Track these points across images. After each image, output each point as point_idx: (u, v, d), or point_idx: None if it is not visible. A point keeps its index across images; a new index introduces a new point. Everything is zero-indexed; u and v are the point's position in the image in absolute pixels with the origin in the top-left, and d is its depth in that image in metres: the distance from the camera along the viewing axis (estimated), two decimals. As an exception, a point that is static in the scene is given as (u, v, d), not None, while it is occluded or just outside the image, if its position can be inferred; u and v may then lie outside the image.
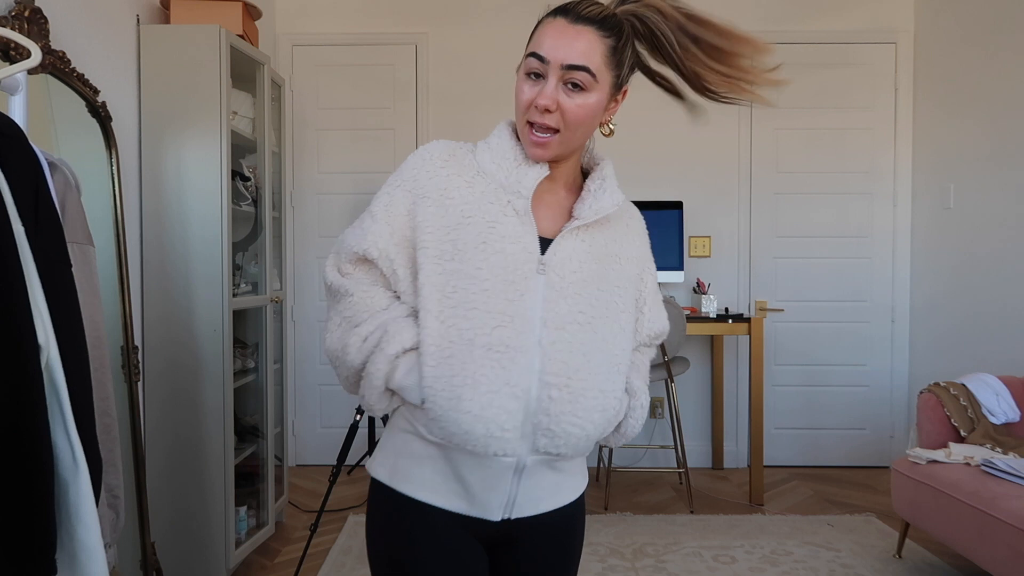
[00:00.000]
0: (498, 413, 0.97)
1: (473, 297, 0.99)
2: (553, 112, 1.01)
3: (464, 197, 1.04)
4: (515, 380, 0.98)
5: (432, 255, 1.02)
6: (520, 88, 1.04)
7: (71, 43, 2.07)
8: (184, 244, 2.50)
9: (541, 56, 1.01)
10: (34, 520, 1.05)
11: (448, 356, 0.98)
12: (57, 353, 1.11)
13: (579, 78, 1.00)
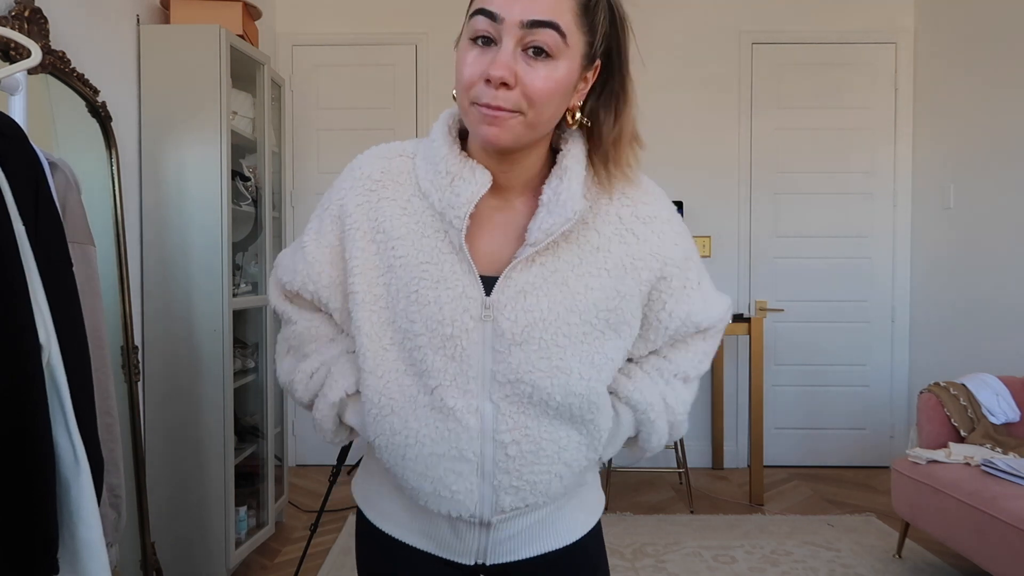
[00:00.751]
0: (446, 474, 0.85)
1: (410, 354, 0.85)
2: (512, 88, 0.76)
3: (397, 230, 0.85)
4: (463, 444, 0.84)
5: (362, 301, 0.85)
6: (462, 60, 0.79)
7: (71, 43, 2.07)
8: (184, 244, 2.50)
9: (492, 13, 0.76)
10: (36, 519, 1.06)
11: (388, 413, 0.86)
12: (58, 352, 1.11)
13: (545, 39, 0.76)
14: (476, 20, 0.77)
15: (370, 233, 0.86)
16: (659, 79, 4.14)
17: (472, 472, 0.85)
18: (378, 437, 0.87)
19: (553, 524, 0.94)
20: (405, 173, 0.87)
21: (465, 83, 0.78)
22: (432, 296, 0.83)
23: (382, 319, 0.85)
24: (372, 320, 0.86)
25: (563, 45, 0.77)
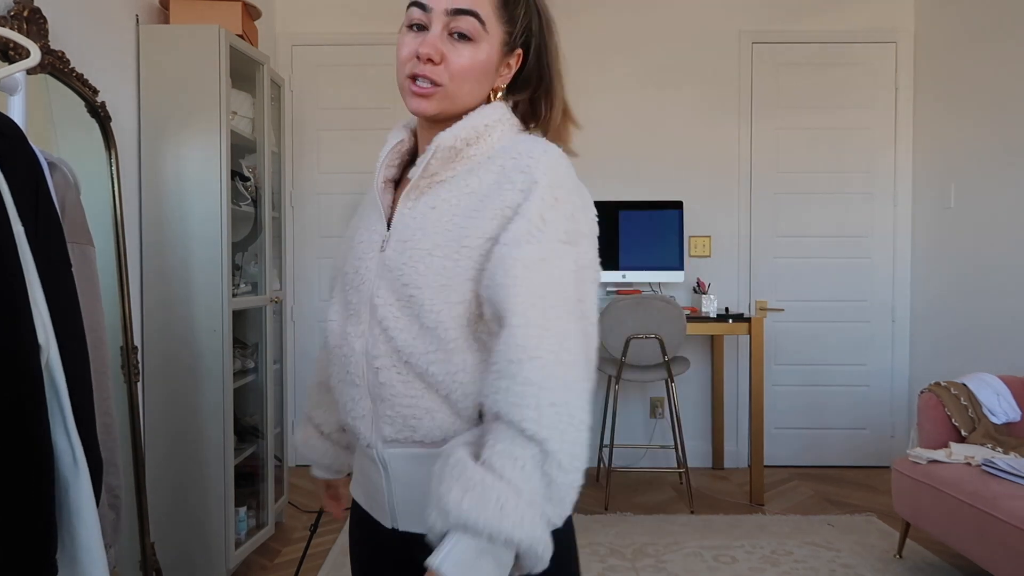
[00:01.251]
0: (348, 401, 0.94)
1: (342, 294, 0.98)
2: (438, 64, 0.90)
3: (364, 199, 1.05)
4: (352, 368, 0.92)
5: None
6: (400, 43, 0.93)
7: (70, 43, 2.07)
8: (184, 244, 2.50)
9: (422, 4, 0.91)
10: (35, 520, 1.05)
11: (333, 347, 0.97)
12: (57, 353, 1.11)
13: (466, 26, 0.90)
14: (411, 11, 0.92)
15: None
16: (659, 79, 4.14)
17: (364, 396, 0.92)
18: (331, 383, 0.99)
19: None
20: None
21: (402, 60, 0.93)
22: (357, 240, 0.97)
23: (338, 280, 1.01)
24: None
25: (482, 31, 0.92)
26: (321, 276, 4.18)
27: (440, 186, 0.93)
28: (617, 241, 3.87)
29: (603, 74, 4.11)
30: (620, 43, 4.13)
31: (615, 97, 4.12)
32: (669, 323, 3.36)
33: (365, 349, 0.91)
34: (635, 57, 4.13)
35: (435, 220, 0.90)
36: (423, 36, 0.91)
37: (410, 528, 0.92)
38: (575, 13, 4.11)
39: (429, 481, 0.80)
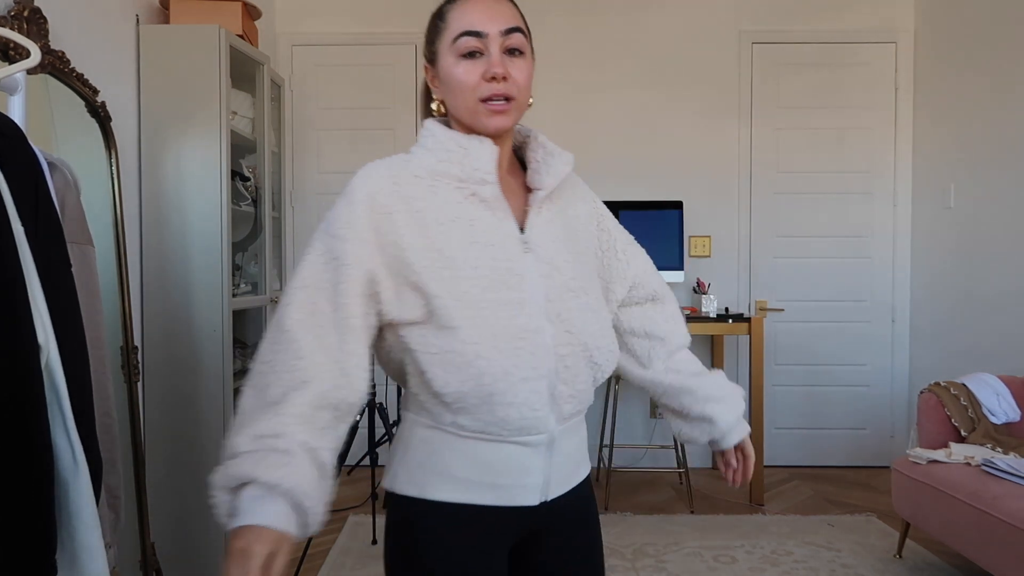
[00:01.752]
0: (528, 396, 0.96)
1: (479, 297, 0.95)
2: (507, 80, 0.99)
3: (433, 203, 0.99)
4: (539, 363, 0.96)
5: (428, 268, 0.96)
6: (456, 72, 1.00)
7: (70, 43, 2.07)
8: (184, 244, 2.50)
9: (477, 32, 0.99)
10: (34, 520, 1.05)
11: (474, 358, 0.93)
12: (57, 353, 1.11)
13: (517, 41, 1.01)
14: (464, 40, 0.99)
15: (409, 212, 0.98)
16: (659, 79, 4.14)
17: (544, 388, 0.98)
18: (463, 384, 0.94)
19: (580, 454, 1.10)
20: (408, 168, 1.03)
21: (470, 86, 0.99)
22: (486, 240, 0.99)
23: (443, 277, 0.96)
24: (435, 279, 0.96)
25: (527, 43, 1.03)
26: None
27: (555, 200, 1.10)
28: (617, 241, 3.87)
29: (603, 74, 4.11)
30: (620, 43, 4.13)
31: (615, 97, 4.11)
32: None
33: (550, 347, 0.98)
34: (635, 57, 4.13)
35: (568, 227, 1.10)
36: (484, 60, 0.99)
37: (559, 491, 1.05)
38: (575, 13, 4.11)
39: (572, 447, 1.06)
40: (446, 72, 1.01)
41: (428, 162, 1.01)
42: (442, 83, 1.04)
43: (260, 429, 0.91)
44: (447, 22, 1.02)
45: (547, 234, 1.04)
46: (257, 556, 0.81)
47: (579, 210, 1.14)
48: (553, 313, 0.99)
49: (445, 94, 1.04)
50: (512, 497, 1.00)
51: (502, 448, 0.98)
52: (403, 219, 0.97)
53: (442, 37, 1.02)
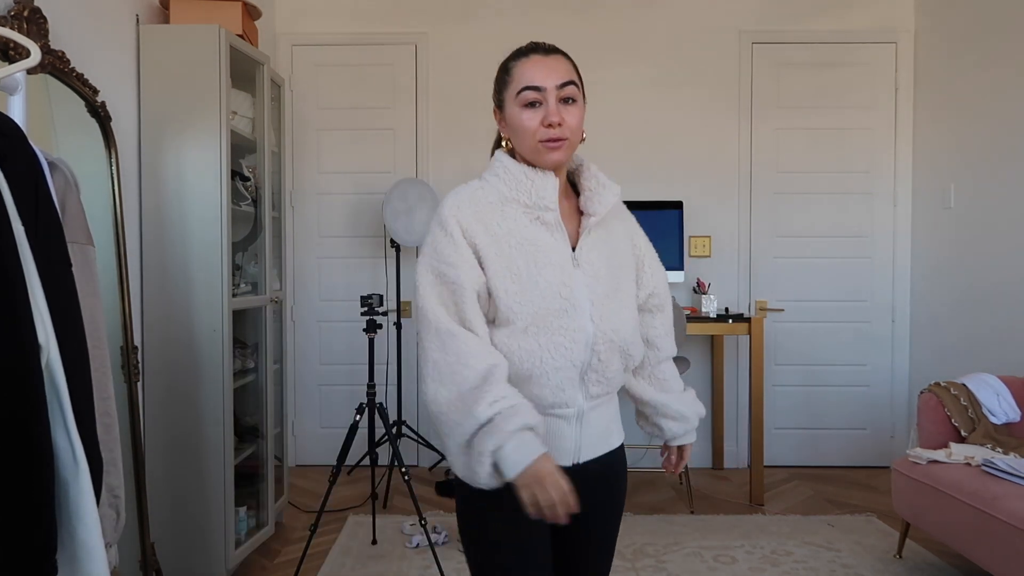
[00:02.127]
0: (563, 380, 1.23)
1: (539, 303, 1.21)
2: (562, 125, 1.22)
3: (505, 226, 1.24)
4: (577, 357, 1.23)
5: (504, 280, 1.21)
6: (521, 119, 1.24)
7: (70, 43, 2.07)
8: (184, 244, 2.50)
9: (537, 86, 1.22)
10: (35, 520, 1.05)
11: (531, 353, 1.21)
12: (57, 353, 1.11)
13: (570, 92, 1.24)
14: (525, 94, 1.23)
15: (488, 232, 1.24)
16: (659, 79, 4.14)
17: (576, 376, 1.25)
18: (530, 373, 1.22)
19: (611, 425, 1.35)
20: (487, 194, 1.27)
21: (531, 131, 1.23)
22: (546, 259, 1.23)
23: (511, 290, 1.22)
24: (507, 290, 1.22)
25: (579, 92, 1.26)
26: (321, 276, 4.18)
27: (603, 225, 1.33)
28: (617, 241, 3.87)
29: (603, 74, 4.11)
30: (620, 43, 4.13)
31: (615, 97, 4.12)
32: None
33: (588, 344, 1.23)
34: (635, 57, 4.13)
35: (612, 245, 1.34)
36: (542, 110, 1.23)
37: (589, 456, 1.30)
38: (576, 13, 4.11)
39: (602, 419, 1.31)
40: (512, 118, 1.26)
41: (500, 189, 1.26)
42: (508, 126, 1.28)
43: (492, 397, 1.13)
44: (512, 76, 1.26)
45: (594, 252, 1.29)
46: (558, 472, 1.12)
47: (620, 230, 1.37)
48: (596, 316, 1.24)
49: (511, 135, 1.28)
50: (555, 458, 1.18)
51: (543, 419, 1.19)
52: (483, 241, 1.22)
53: (508, 89, 1.26)
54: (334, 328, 4.17)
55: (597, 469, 1.31)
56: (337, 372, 4.18)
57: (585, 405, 1.27)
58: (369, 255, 4.17)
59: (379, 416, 2.74)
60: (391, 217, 3.76)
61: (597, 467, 1.31)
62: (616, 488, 1.36)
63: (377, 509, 3.27)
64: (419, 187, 3.87)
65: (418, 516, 2.54)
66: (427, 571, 2.73)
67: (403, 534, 3.10)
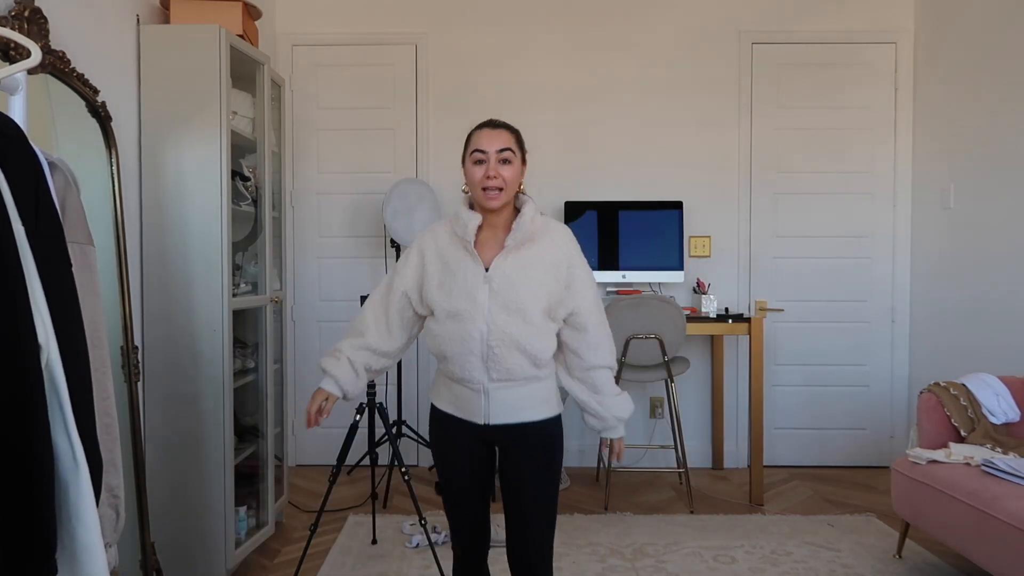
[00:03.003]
0: (466, 362, 1.71)
1: (452, 305, 1.72)
2: (497, 178, 1.70)
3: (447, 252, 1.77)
4: (474, 348, 1.70)
5: (434, 285, 1.75)
6: (473, 171, 1.72)
7: (71, 43, 2.07)
8: (184, 244, 2.50)
9: (483, 149, 1.71)
10: (34, 520, 1.05)
11: (447, 339, 1.73)
12: (57, 353, 1.11)
13: (507, 155, 1.72)
14: (475, 154, 1.72)
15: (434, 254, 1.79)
16: (659, 79, 4.14)
17: (479, 361, 1.71)
18: (438, 353, 1.76)
19: (526, 405, 1.76)
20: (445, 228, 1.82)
21: (477, 181, 1.71)
22: (461, 275, 1.72)
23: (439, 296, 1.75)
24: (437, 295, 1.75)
25: (514, 155, 1.74)
26: (321, 276, 4.18)
27: (520, 249, 1.73)
28: (617, 241, 3.88)
29: (604, 74, 4.11)
30: (620, 43, 4.13)
31: (615, 97, 4.12)
32: (669, 323, 3.36)
33: (483, 338, 1.68)
34: (635, 57, 4.13)
35: (525, 268, 1.72)
36: (486, 166, 1.70)
37: (498, 421, 1.74)
38: (576, 13, 4.11)
39: (510, 398, 1.74)
40: (467, 171, 1.75)
41: (451, 227, 1.78)
42: (466, 177, 1.75)
43: (336, 345, 1.84)
44: (470, 142, 1.75)
45: (503, 272, 1.71)
46: (318, 397, 1.79)
47: (551, 257, 1.75)
48: (491, 322, 1.69)
49: (467, 183, 1.76)
50: (468, 415, 1.76)
51: (460, 387, 1.76)
52: (431, 259, 1.78)
53: (466, 151, 1.75)
54: (334, 328, 4.17)
55: (512, 431, 1.75)
56: (337, 372, 4.17)
57: (489, 385, 1.72)
58: (369, 255, 4.17)
59: (379, 416, 2.74)
60: (391, 217, 3.76)
61: (512, 430, 1.75)
62: (532, 448, 1.77)
63: (377, 509, 3.27)
64: (419, 187, 3.87)
65: (418, 516, 2.54)
66: (427, 571, 2.73)
67: (403, 534, 3.10)
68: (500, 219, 1.76)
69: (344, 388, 1.79)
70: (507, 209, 1.76)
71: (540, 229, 1.75)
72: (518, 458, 1.77)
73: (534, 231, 1.74)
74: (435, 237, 1.80)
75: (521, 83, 4.10)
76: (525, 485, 1.76)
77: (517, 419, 1.74)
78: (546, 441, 1.78)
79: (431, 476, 3.96)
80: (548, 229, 1.78)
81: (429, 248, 1.79)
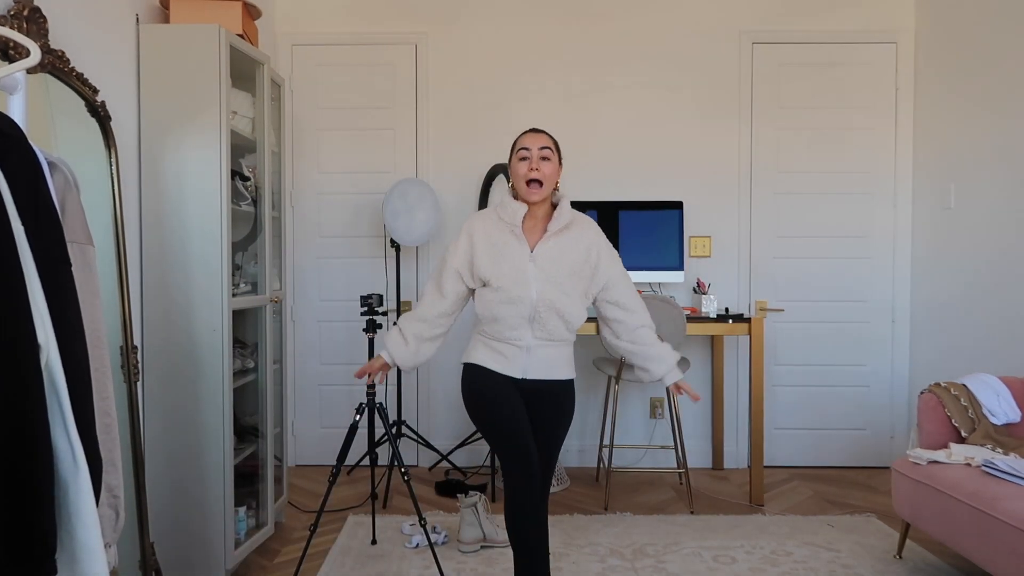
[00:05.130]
0: (516, 323, 2.08)
1: (503, 281, 2.07)
2: (538, 171, 2.07)
3: (494, 235, 2.13)
4: (524, 312, 2.06)
5: (485, 261, 2.10)
6: (518, 167, 2.11)
7: (70, 42, 2.07)
8: (184, 244, 2.50)
9: (527, 147, 2.10)
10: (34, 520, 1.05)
11: (495, 307, 2.08)
12: (57, 353, 1.11)
13: (546, 153, 2.10)
14: (520, 151, 2.11)
15: (483, 237, 2.14)
16: (659, 79, 4.14)
17: (526, 324, 2.08)
18: (498, 316, 2.08)
19: (555, 365, 2.14)
20: (492, 216, 2.18)
21: (521, 174, 2.09)
22: (509, 254, 2.09)
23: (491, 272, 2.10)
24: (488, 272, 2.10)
25: (552, 155, 2.11)
26: (321, 276, 4.18)
27: (559, 236, 2.11)
28: (617, 241, 3.87)
29: (603, 74, 4.11)
30: (620, 43, 4.13)
31: (615, 97, 4.12)
32: (669, 323, 3.36)
33: (532, 304, 2.04)
34: (635, 57, 4.13)
35: (563, 250, 2.10)
36: (529, 162, 2.08)
37: (534, 376, 2.12)
38: (576, 14, 4.11)
39: (546, 356, 2.12)
40: (512, 166, 2.13)
41: (500, 213, 2.14)
42: (511, 171, 2.13)
43: (403, 322, 2.21)
44: (516, 143, 2.13)
45: (547, 254, 2.09)
46: (375, 363, 2.22)
47: (584, 242, 2.13)
48: (539, 291, 2.05)
49: (512, 177, 2.13)
50: (507, 370, 2.12)
51: (505, 345, 2.12)
52: (479, 240, 2.13)
53: (513, 150, 2.13)
54: (334, 328, 4.17)
55: (542, 386, 2.13)
56: (337, 372, 4.18)
57: (532, 342, 2.09)
58: (369, 255, 4.17)
59: (379, 416, 2.74)
60: (391, 217, 3.76)
61: (543, 385, 2.13)
62: (556, 402, 2.16)
63: (377, 509, 3.27)
64: (419, 187, 3.87)
65: (418, 516, 2.53)
66: (427, 571, 2.72)
67: (403, 534, 3.10)
68: (540, 211, 2.14)
69: (392, 353, 2.17)
70: (545, 203, 2.13)
71: (572, 220, 2.14)
72: (545, 407, 2.13)
73: (570, 221, 2.13)
74: (483, 222, 2.14)
75: (521, 83, 4.10)
76: (550, 429, 2.15)
77: (550, 375, 2.12)
78: (568, 396, 2.19)
79: (431, 476, 3.96)
80: (578, 220, 2.17)
81: (478, 231, 2.13)
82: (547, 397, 2.13)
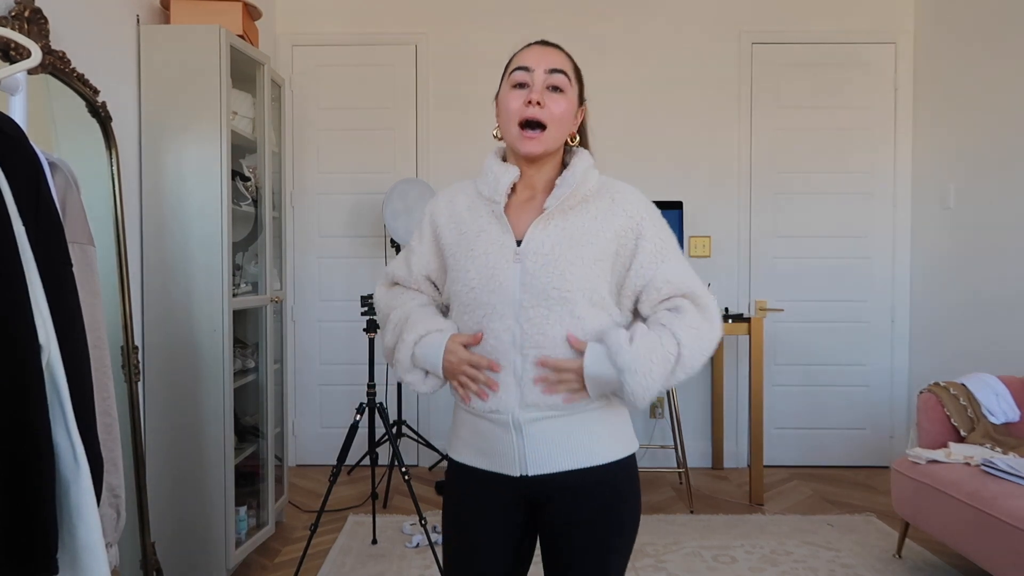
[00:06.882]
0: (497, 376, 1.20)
1: (467, 295, 1.22)
2: (542, 107, 1.19)
3: (468, 218, 1.27)
4: (499, 356, 1.20)
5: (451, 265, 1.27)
6: (507, 99, 1.23)
7: (71, 43, 2.07)
8: (184, 244, 2.50)
9: (527, 67, 1.21)
10: (35, 520, 1.06)
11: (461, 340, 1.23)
12: (58, 353, 1.11)
13: (558, 80, 1.22)
14: (516, 73, 1.22)
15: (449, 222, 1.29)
16: (659, 79, 4.14)
17: (511, 380, 1.19)
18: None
19: (580, 439, 1.21)
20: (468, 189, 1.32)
21: (512, 111, 1.21)
22: (483, 250, 1.22)
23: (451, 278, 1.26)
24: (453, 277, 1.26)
25: (569, 84, 1.23)
26: (321, 276, 4.18)
27: (567, 214, 1.23)
28: (617, 241, 3.87)
29: (603, 74, 4.11)
30: (620, 43, 4.13)
31: (615, 97, 4.12)
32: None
33: (515, 343, 1.18)
34: (635, 57, 4.13)
35: (574, 240, 1.20)
36: (527, 91, 1.21)
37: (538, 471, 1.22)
38: (576, 13, 4.11)
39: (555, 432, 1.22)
40: (500, 101, 1.25)
41: (478, 186, 1.28)
42: (499, 112, 1.25)
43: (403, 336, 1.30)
44: (510, 63, 1.26)
45: (544, 244, 1.20)
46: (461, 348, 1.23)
47: (612, 224, 1.23)
48: (524, 318, 1.18)
49: (500, 122, 1.26)
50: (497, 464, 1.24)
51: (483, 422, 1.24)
52: (444, 223, 1.29)
53: (505, 74, 1.26)
54: (334, 328, 4.17)
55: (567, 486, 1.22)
56: (337, 372, 4.18)
57: (521, 416, 1.20)
58: (369, 255, 4.17)
59: (379, 416, 2.74)
60: (391, 217, 3.76)
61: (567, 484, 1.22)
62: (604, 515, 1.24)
63: (377, 509, 3.27)
64: (419, 187, 3.87)
65: (418, 516, 2.54)
66: (427, 571, 2.73)
67: (403, 534, 3.10)
68: (542, 176, 1.26)
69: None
70: (552, 162, 1.27)
71: (596, 189, 1.25)
72: (568, 524, 1.22)
73: (587, 191, 1.23)
74: (451, 200, 1.30)
75: (521, 83, 4.09)
76: (578, 565, 1.22)
77: (563, 466, 1.20)
78: (615, 493, 1.22)
79: (431, 476, 3.96)
80: (608, 188, 1.27)
81: (441, 214, 1.30)
82: (572, 505, 1.22)
